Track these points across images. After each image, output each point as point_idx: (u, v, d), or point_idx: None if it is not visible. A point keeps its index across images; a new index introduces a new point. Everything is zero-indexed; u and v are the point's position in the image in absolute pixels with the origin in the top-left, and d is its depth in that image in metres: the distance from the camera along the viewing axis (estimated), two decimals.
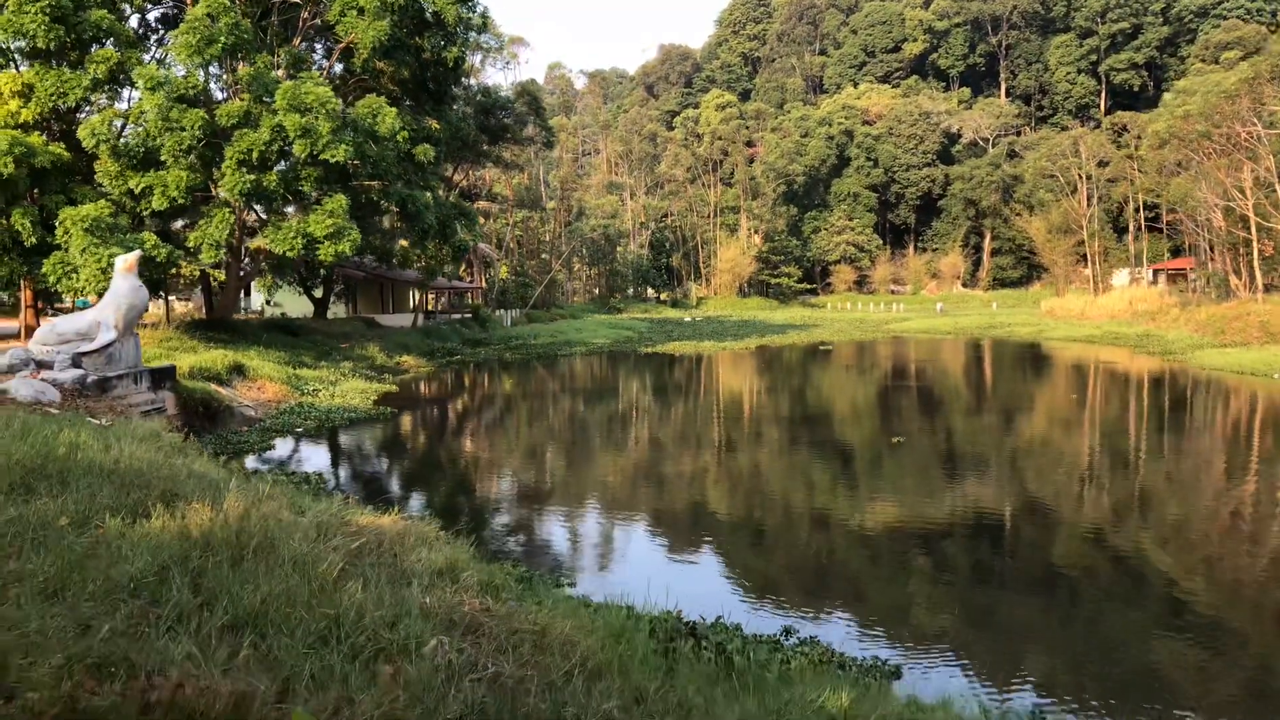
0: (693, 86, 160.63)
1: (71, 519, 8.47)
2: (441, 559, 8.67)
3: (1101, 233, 78.09)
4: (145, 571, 7.08)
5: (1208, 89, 54.85)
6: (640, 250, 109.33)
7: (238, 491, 9.64)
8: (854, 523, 14.82)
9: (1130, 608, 10.97)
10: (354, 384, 32.43)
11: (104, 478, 10.52)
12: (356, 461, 21.29)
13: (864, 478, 18.83)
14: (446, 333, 55.35)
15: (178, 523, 8.58)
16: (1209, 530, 14.45)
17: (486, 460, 21.75)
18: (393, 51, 34.37)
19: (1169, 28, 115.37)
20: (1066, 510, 15.77)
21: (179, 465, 12.59)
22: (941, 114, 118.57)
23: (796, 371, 42.35)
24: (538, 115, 55.09)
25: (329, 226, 30.81)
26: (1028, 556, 13.35)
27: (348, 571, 7.67)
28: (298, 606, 6.50)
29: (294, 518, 9.60)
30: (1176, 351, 41.60)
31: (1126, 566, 12.56)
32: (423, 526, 10.06)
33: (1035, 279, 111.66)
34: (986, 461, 20.43)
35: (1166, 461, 19.96)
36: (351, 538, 9.00)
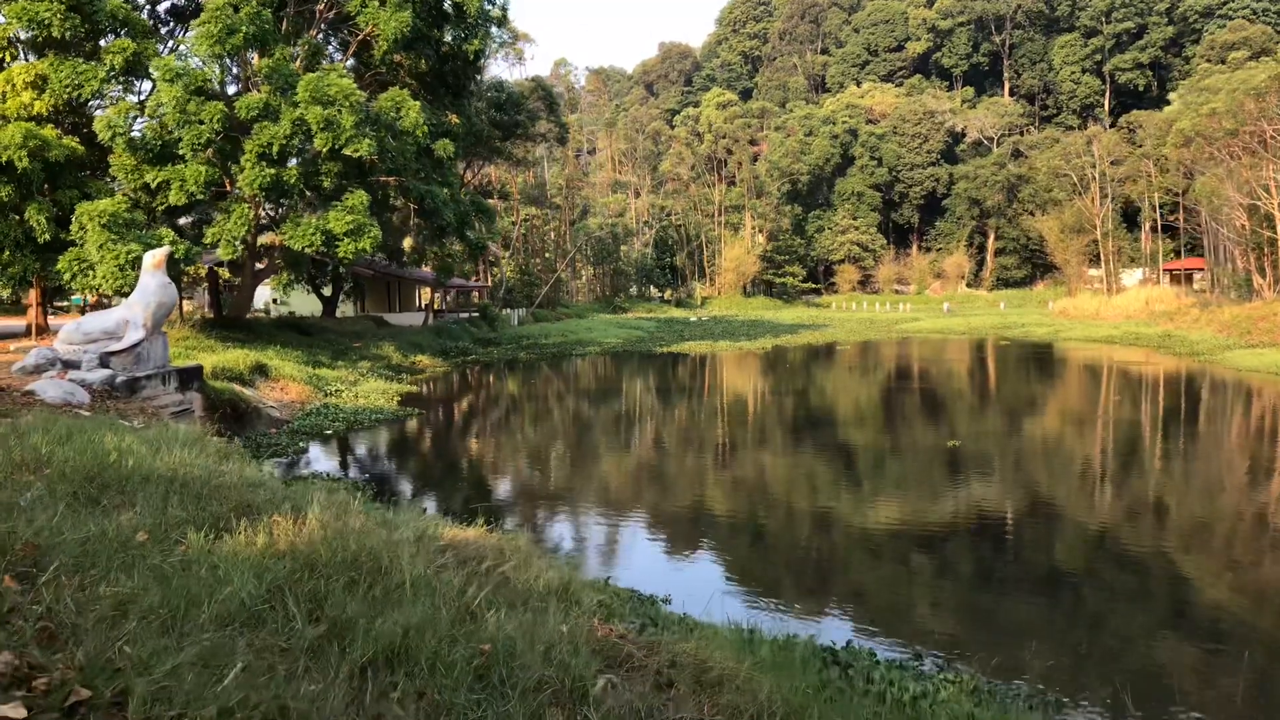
0: (693, 85, 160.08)
1: (150, 534, 7.73)
2: (555, 578, 7.93)
3: (1115, 232, 77.58)
4: (255, 598, 6.34)
5: (1233, 86, 54.29)
6: (644, 249, 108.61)
7: (322, 504, 8.88)
8: (947, 533, 14.10)
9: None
10: (374, 384, 31.74)
11: (167, 487, 9.78)
12: (394, 465, 20.54)
13: (937, 482, 18.11)
14: (457, 332, 54.62)
15: (265, 539, 7.84)
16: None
17: (528, 464, 21.01)
18: (413, 44, 33.64)
19: (1174, 28, 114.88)
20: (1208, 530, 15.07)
21: (236, 472, 11.84)
22: (945, 113, 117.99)
23: (826, 371, 41.72)
24: (552, 111, 54.35)
25: (349, 223, 30.03)
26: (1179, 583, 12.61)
27: (464, 592, 6.93)
28: (442, 639, 5.75)
29: (386, 532, 8.86)
30: (1205, 353, 40.89)
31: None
32: (515, 540, 9.31)
33: (1039, 279, 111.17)
34: (1073, 471, 19.72)
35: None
36: (455, 555, 8.26)
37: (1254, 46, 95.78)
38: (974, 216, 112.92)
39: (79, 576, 6.42)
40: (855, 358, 47.38)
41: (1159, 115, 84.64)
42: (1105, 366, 39.87)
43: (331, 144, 28.78)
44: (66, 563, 6.55)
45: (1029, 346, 51.85)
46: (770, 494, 17.28)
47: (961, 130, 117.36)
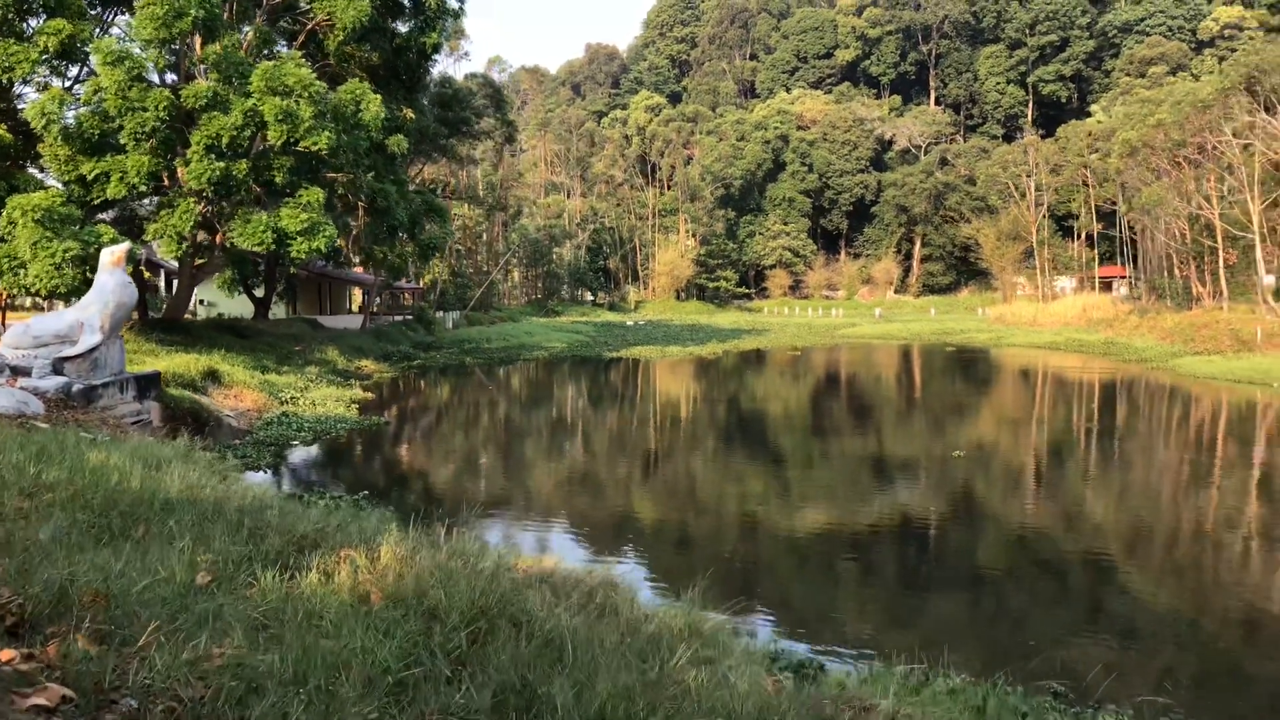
0: (620, 87, 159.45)
1: (213, 576, 6.64)
2: (678, 618, 7.02)
3: (1051, 240, 79.23)
4: (386, 658, 5.36)
5: (1178, 98, 55.69)
6: (577, 252, 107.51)
7: (395, 537, 7.83)
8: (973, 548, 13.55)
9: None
10: (327, 391, 30.29)
11: (195, 516, 8.62)
12: (386, 478, 19.28)
13: (956, 496, 17.61)
14: (396, 335, 52.96)
15: (346, 580, 6.80)
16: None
17: (518, 475, 19.99)
18: (367, 35, 32.17)
19: (1094, 42, 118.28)
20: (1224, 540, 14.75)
21: (256, 494, 10.66)
22: (874, 121, 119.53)
23: (793, 378, 41.47)
24: (498, 108, 53.00)
25: (304, 221, 28.53)
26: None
27: (595, 637, 6.00)
28: (641, 706, 4.82)
29: (461, 564, 7.84)
30: (1153, 360, 41.53)
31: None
32: (602, 571, 8.38)
33: (964, 285, 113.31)
34: (1076, 479, 19.43)
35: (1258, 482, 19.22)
36: (550, 588, 7.30)
37: (1170, 62, 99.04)
38: (902, 223, 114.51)
39: (169, 635, 5.36)
40: (814, 364, 47.30)
41: (1084, 125, 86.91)
42: (1072, 375, 39.86)
43: (287, 137, 27.25)
44: (142, 615, 5.48)
45: (980, 353, 52.27)
46: (792, 503, 16.57)
47: (890, 138, 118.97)
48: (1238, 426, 26.54)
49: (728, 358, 50.10)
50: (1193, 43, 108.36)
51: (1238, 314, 45.57)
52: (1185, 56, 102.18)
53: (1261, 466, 19.76)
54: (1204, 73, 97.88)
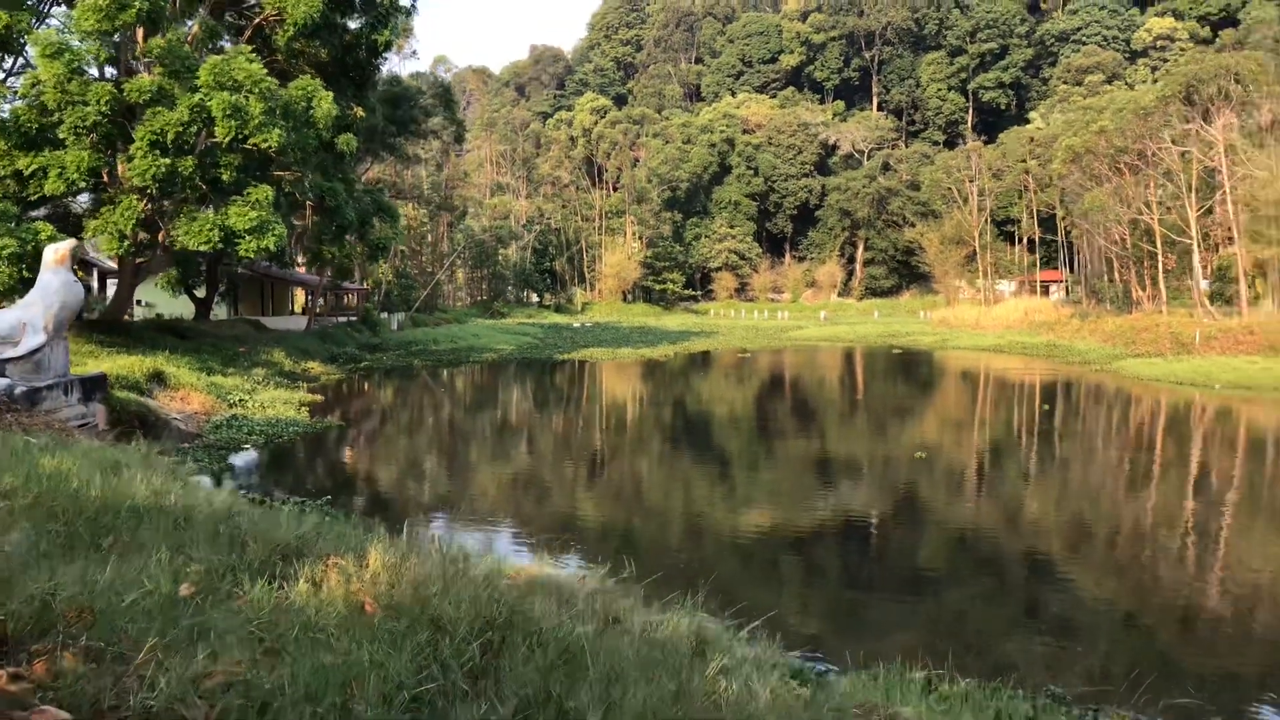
0: (565, 89, 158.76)
1: (195, 586, 6.33)
2: (681, 627, 6.84)
3: (993, 245, 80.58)
4: (399, 672, 5.13)
5: (1119, 105, 56.93)
6: (523, 253, 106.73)
7: (383, 544, 7.55)
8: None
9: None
10: (275, 393, 29.62)
11: (165, 523, 8.26)
12: (344, 482, 18.81)
13: (924, 496, 17.69)
14: (341, 337, 52.05)
15: (339, 589, 6.53)
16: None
17: (476, 478, 19.69)
18: (318, 31, 31.50)
19: (1033, 50, 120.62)
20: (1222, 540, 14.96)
21: (224, 500, 10.26)
22: (819, 125, 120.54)
23: (748, 379, 41.57)
24: (447, 108, 52.36)
25: (253, 220, 27.85)
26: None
27: (610, 647, 5.80)
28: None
29: (458, 573, 7.59)
30: (1096, 362, 42.33)
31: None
32: (593, 578, 8.16)
33: (906, 289, 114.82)
34: (1035, 478, 19.64)
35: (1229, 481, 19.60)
36: (554, 598, 7.07)
37: (1106, 71, 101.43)
38: (845, 227, 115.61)
39: (165, 651, 5.08)
40: (767, 366, 47.52)
41: (1026, 132, 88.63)
42: (1022, 377, 40.40)
43: (235, 133, 26.56)
44: (130, 630, 5.19)
45: (927, 356, 52.87)
46: (762, 506, 16.50)
47: (834, 143, 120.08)
48: (1185, 427, 27.15)
49: (680, 360, 50.11)
50: (1127, 52, 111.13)
51: (1176, 318, 46.71)
52: (1120, 66, 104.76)
53: (1211, 466, 20.19)
54: (1138, 81, 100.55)
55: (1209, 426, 26.95)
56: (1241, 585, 12.19)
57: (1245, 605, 11.34)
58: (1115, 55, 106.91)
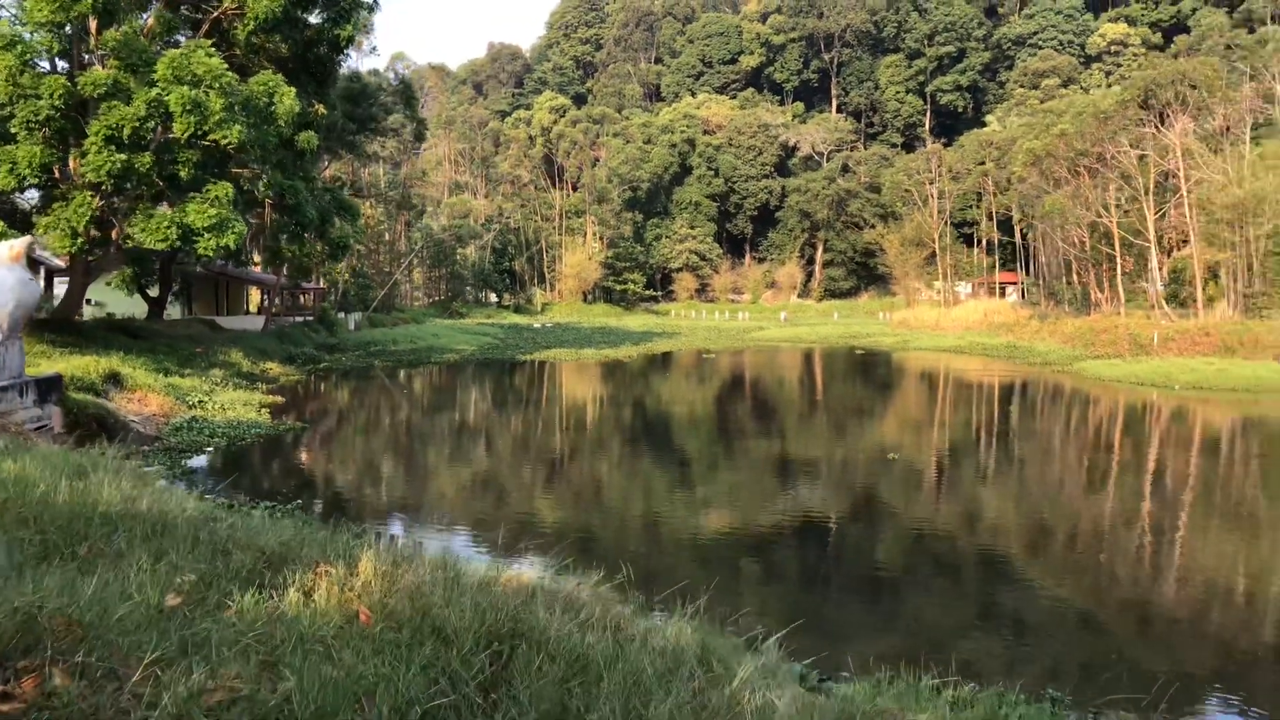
0: (524, 87, 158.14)
1: (181, 596, 6.10)
2: (680, 636, 6.67)
3: (953, 246, 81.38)
4: (408, 687, 4.97)
5: (1079, 109, 57.71)
6: (482, 253, 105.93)
7: (374, 553, 7.30)
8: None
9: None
10: (234, 394, 29.05)
11: (142, 530, 7.97)
12: (311, 486, 18.38)
13: (898, 496, 17.70)
14: (299, 337, 51.24)
15: (332, 599, 6.30)
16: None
17: (448, 481, 19.41)
18: (279, 25, 30.92)
19: (990, 53, 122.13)
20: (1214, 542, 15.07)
21: (198, 505, 9.93)
22: (779, 127, 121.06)
23: (712, 382, 41.53)
24: (408, 105, 51.75)
25: (212, 217, 27.26)
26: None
27: (622, 657, 5.62)
28: None
29: (451, 578, 7.36)
30: (1057, 363, 42.78)
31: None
32: (589, 584, 7.96)
33: (864, 290, 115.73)
34: (1008, 479, 19.73)
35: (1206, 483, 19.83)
36: (557, 606, 6.87)
37: (1062, 75, 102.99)
38: (805, 229, 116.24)
39: (163, 667, 4.88)
40: (732, 367, 47.58)
41: (984, 134, 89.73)
42: (986, 379, 40.63)
43: (195, 129, 25.96)
44: (121, 644, 4.96)
45: (890, 357, 53.10)
46: (741, 509, 16.40)
47: (794, 144, 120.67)
48: (1148, 428, 27.51)
49: (644, 361, 49.99)
50: (1082, 57, 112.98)
51: (1134, 319, 47.39)
52: (1075, 70, 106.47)
53: (1175, 466, 20.46)
54: (1093, 86, 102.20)
55: (1170, 427, 27.35)
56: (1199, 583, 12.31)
57: (1199, 603, 11.50)
58: (1071, 60, 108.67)
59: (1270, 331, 37.84)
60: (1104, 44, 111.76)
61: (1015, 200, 69.55)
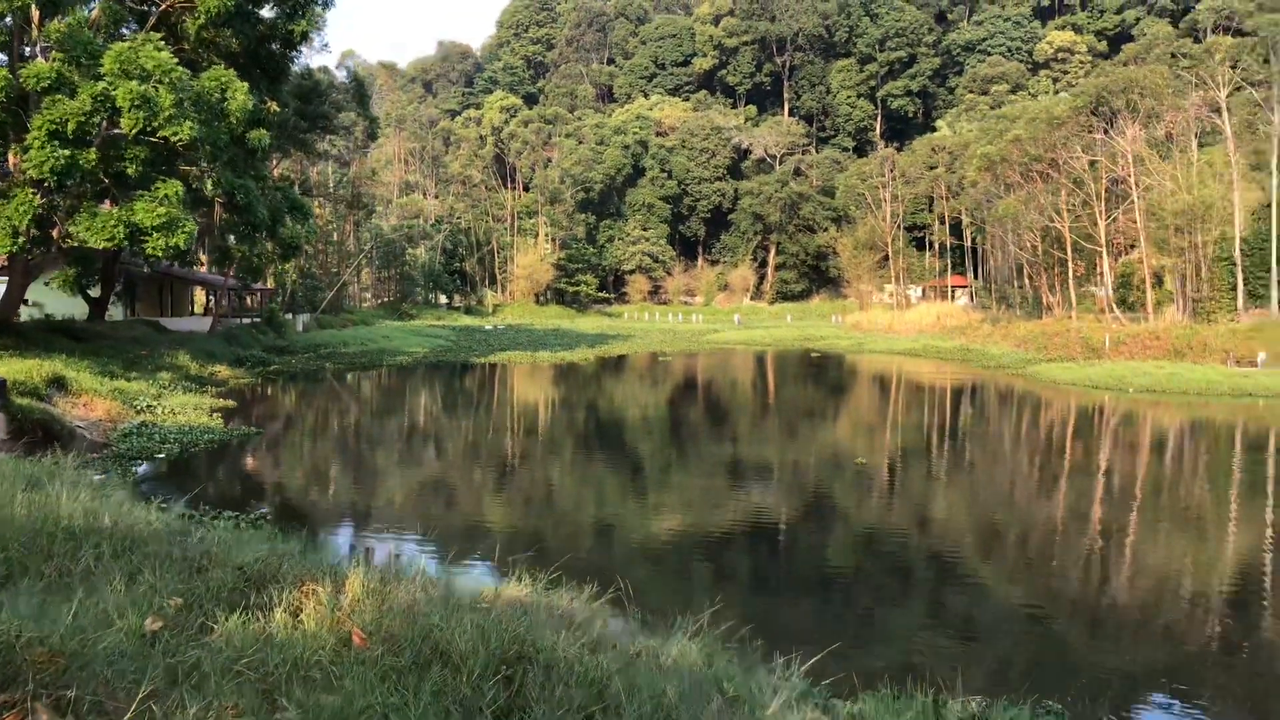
0: (474, 87, 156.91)
1: (162, 619, 5.75)
2: (685, 655, 6.43)
3: (906, 250, 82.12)
4: (418, 717, 4.72)
5: (1032, 115, 58.48)
6: (432, 253, 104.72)
7: (362, 570, 6.97)
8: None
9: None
10: (184, 398, 28.25)
11: (107, 545, 7.57)
12: (272, 495, 17.86)
13: (869, 501, 17.63)
14: (247, 339, 50.17)
15: (323, 620, 5.99)
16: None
17: (412, 488, 18.98)
18: (231, 19, 30.15)
19: (940, 59, 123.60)
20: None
21: (164, 519, 9.48)
22: (732, 129, 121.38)
23: (673, 385, 41.47)
24: (361, 104, 50.87)
25: (161, 216, 26.46)
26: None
27: (640, 681, 5.37)
28: None
29: (434, 595, 7.06)
30: (1012, 366, 43.18)
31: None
32: (582, 599, 7.68)
33: (816, 293, 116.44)
34: (976, 482, 19.79)
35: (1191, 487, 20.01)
36: (560, 622, 6.59)
37: (1010, 81, 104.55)
38: (758, 231, 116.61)
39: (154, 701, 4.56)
40: (693, 370, 47.62)
41: (935, 139, 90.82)
42: (944, 382, 40.88)
43: (144, 125, 25.18)
44: (105, 673, 4.64)
45: (846, 360, 53.32)
46: (709, 514, 16.21)
47: (747, 147, 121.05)
48: (1106, 431, 27.87)
49: (602, 365, 49.73)
50: (1030, 63, 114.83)
51: (1086, 323, 48.10)
52: (1024, 76, 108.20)
53: (1134, 467, 20.70)
54: (1041, 92, 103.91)
55: (1127, 430, 27.75)
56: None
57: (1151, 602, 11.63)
58: (1019, 66, 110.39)
59: (1218, 336, 38.60)
60: (1051, 51, 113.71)
61: (966, 205, 70.45)
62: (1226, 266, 43.35)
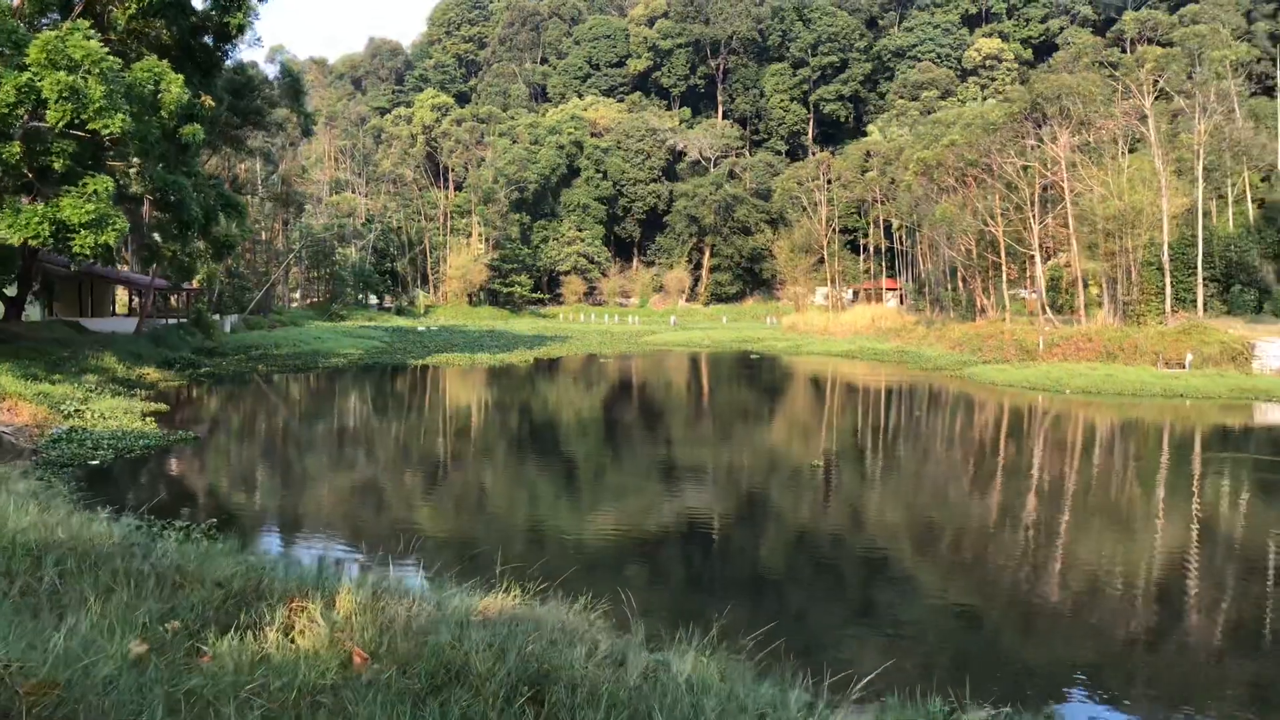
0: (404, 84, 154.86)
1: (148, 641, 5.43)
2: (701, 669, 6.21)
3: (840, 253, 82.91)
4: None
5: (966, 120, 59.46)
6: (362, 253, 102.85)
7: (351, 584, 6.65)
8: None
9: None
10: (113, 402, 27.23)
11: (70, 562, 7.17)
12: (220, 503, 17.16)
13: (829, 501, 17.62)
14: (174, 340, 48.68)
15: (322, 639, 5.70)
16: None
17: (361, 494, 18.49)
18: (163, 10, 29.15)
19: (871, 64, 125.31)
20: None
21: (123, 532, 9.00)
22: (667, 131, 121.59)
23: (620, 387, 41.35)
24: (296, 100, 49.64)
25: (90, 213, 25.41)
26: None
27: (668, 701, 5.15)
28: None
29: (427, 610, 6.76)
30: (949, 368, 43.77)
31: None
32: (561, 611, 7.41)
33: (750, 295, 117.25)
34: (928, 482, 19.92)
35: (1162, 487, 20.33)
36: (579, 641, 6.32)
37: (940, 87, 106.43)
38: (693, 233, 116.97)
39: None
40: (637, 372, 47.52)
41: (869, 143, 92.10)
42: (884, 383, 41.25)
43: (71, 117, 24.16)
44: (102, 704, 4.34)
45: (786, 361, 53.55)
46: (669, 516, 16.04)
47: (682, 149, 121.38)
48: (1051, 429, 28.40)
49: (547, 366, 49.34)
50: (959, 70, 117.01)
51: (1019, 325, 49.03)
52: (953, 82, 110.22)
53: (1074, 465, 21.07)
54: (969, 98, 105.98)
55: (1070, 430, 28.27)
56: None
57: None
58: (949, 72, 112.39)
59: (1148, 338, 39.63)
60: (979, 58, 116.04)
61: (895, 208, 71.42)
62: (1155, 271, 44.55)
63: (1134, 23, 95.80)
